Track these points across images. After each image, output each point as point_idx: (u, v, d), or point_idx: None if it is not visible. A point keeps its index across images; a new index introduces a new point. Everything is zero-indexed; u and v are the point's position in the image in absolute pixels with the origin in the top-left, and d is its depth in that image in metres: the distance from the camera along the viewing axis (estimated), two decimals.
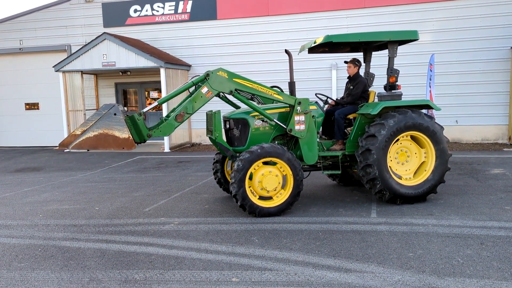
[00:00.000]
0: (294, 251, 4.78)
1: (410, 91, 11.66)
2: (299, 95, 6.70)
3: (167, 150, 14.53)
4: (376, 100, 7.16)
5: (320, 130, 7.01)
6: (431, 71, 11.38)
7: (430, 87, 11.23)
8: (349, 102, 7.05)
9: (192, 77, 6.59)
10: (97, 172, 10.82)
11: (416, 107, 6.72)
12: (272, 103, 6.88)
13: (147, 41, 15.76)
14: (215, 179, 7.47)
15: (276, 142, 6.60)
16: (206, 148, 14.98)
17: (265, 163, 6.09)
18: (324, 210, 6.41)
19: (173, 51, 15.66)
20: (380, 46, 7.43)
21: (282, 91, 6.75)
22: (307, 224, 5.77)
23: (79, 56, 14.63)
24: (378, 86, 7.44)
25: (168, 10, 15.55)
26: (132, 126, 5.99)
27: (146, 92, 16.67)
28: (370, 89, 7.31)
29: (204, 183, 8.84)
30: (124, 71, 15.78)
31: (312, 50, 7.53)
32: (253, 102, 6.92)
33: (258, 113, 6.40)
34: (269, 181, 6.02)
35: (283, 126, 6.43)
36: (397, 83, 6.84)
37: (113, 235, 5.60)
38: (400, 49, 7.15)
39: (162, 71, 14.15)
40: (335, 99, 7.46)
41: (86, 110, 15.69)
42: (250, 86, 6.30)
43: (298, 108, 6.34)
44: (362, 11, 13.98)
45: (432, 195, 6.82)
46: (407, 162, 6.72)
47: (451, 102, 13.15)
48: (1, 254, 5.04)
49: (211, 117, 6.65)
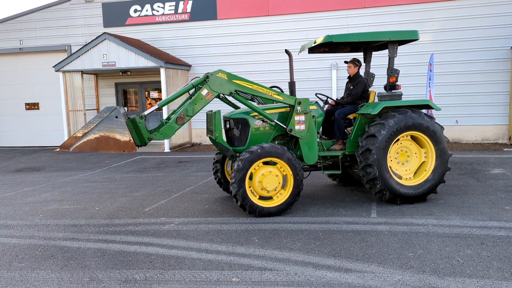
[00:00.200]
0: (294, 251, 4.79)
1: (410, 91, 11.68)
2: (299, 95, 6.70)
3: (167, 150, 14.52)
4: (376, 100, 7.16)
5: (320, 130, 7.01)
6: (430, 71, 11.38)
7: (430, 87, 11.23)
8: (349, 102, 7.05)
9: (191, 78, 6.59)
10: (97, 172, 10.82)
11: (416, 107, 6.72)
12: (272, 103, 6.89)
13: (147, 41, 15.76)
14: (215, 179, 7.47)
15: (276, 142, 6.60)
16: (206, 148, 14.98)
17: (265, 163, 6.09)
18: (324, 210, 6.41)
19: (173, 51, 15.66)
20: (380, 46, 7.44)
21: (282, 91, 6.75)
22: (307, 224, 5.77)
23: (79, 56, 14.63)
24: (378, 86, 7.45)
25: (168, 10, 15.55)
26: (133, 129, 6.00)
27: (146, 92, 16.66)
28: (370, 89, 7.31)
29: (204, 183, 8.84)
30: (124, 71, 15.78)
31: (312, 50, 7.54)
32: (253, 103, 6.92)
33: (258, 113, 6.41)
34: (269, 181, 6.02)
35: (283, 126, 6.43)
36: (397, 83, 6.85)
37: (113, 235, 5.60)
38: (400, 49, 7.15)
39: (162, 71, 14.16)
40: (335, 99, 7.46)
41: (86, 110, 15.70)
42: (250, 87, 6.30)
43: (298, 108, 6.34)
44: (362, 11, 13.98)
45: (432, 195, 6.82)
46: (407, 162, 6.73)
47: (451, 102, 13.15)
48: (1, 254, 5.04)
49: (211, 117, 6.65)
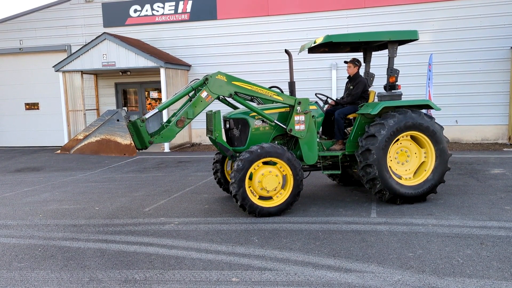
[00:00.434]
0: (294, 251, 4.79)
1: (410, 91, 11.67)
2: (299, 95, 6.70)
3: (167, 150, 14.52)
4: (376, 100, 7.16)
5: (320, 130, 7.01)
6: (430, 71, 11.39)
7: (429, 87, 11.24)
8: (349, 102, 7.05)
9: (191, 81, 6.59)
10: (97, 172, 10.82)
11: (416, 107, 6.72)
12: (272, 103, 6.89)
13: (147, 41, 15.76)
14: (215, 179, 7.47)
15: (276, 142, 6.60)
16: (206, 148, 14.98)
17: (265, 163, 6.09)
18: (324, 210, 6.41)
19: (173, 51, 15.66)
20: (380, 46, 7.44)
21: (282, 92, 6.75)
22: (307, 224, 5.77)
23: (79, 56, 14.62)
24: (378, 86, 7.45)
25: (168, 10, 15.55)
26: (134, 132, 6.00)
27: (146, 92, 16.66)
28: (370, 89, 7.32)
29: (204, 183, 8.84)
30: (124, 71, 15.77)
31: (312, 50, 7.54)
32: (253, 104, 6.92)
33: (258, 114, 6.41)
34: (269, 181, 6.02)
35: (283, 126, 6.43)
36: (397, 83, 6.85)
37: (113, 235, 5.60)
38: (400, 49, 7.15)
39: (162, 71, 14.15)
40: (335, 99, 7.46)
41: (86, 110, 15.70)
42: (250, 88, 6.30)
43: (298, 108, 6.34)
44: (362, 11, 13.98)
45: (432, 195, 6.82)
46: (407, 162, 6.73)
47: (451, 102, 13.14)
48: (1, 254, 5.04)
49: (211, 117, 6.65)
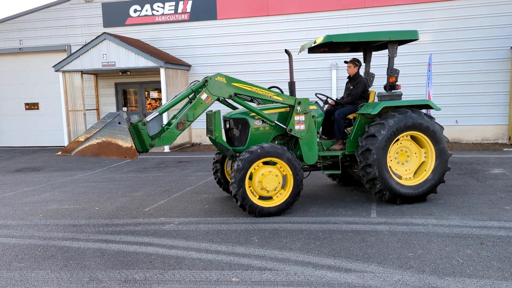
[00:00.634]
0: (294, 251, 4.78)
1: (410, 91, 11.67)
2: (299, 95, 6.70)
3: (167, 150, 14.53)
4: (376, 100, 7.16)
5: (320, 130, 7.00)
6: (429, 71, 11.40)
7: (429, 87, 11.25)
8: (349, 102, 7.05)
9: (191, 82, 6.59)
10: (97, 172, 10.82)
11: (416, 107, 6.72)
12: (272, 103, 6.88)
13: (147, 41, 15.76)
14: (215, 179, 7.47)
15: (276, 142, 6.60)
16: (206, 148, 14.98)
17: (265, 163, 6.09)
18: (324, 210, 6.41)
19: (173, 51, 15.66)
20: (380, 46, 7.44)
21: (282, 92, 6.75)
22: (307, 224, 5.77)
23: (79, 56, 14.62)
24: (378, 86, 7.45)
25: (168, 10, 15.55)
26: (135, 135, 6.01)
27: (146, 92, 16.65)
28: (370, 89, 7.31)
29: (204, 183, 8.84)
30: (124, 71, 15.77)
31: (312, 50, 7.54)
32: (253, 104, 6.92)
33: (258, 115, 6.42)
34: (269, 181, 6.02)
35: (283, 126, 6.43)
36: (397, 83, 6.85)
37: (113, 235, 5.60)
38: (400, 49, 7.15)
39: (162, 71, 14.16)
40: (335, 99, 7.46)
41: (86, 110, 15.71)
42: (249, 89, 6.30)
43: (298, 108, 6.34)
44: (362, 11, 13.98)
45: (432, 195, 6.82)
46: (407, 162, 6.72)
47: (451, 102, 13.15)
48: (1, 254, 5.04)
49: (211, 117, 6.65)
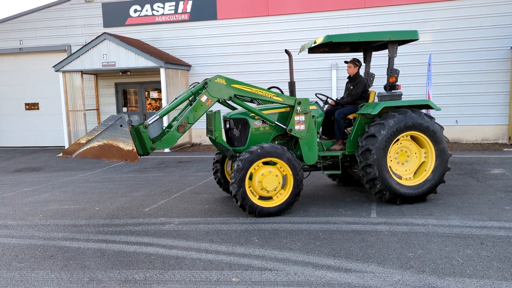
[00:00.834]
0: (294, 251, 4.78)
1: (410, 91, 11.68)
2: (299, 95, 6.70)
3: (167, 150, 14.51)
4: (376, 100, 7.16)
5: (320, 130, 7.01)
6: (429, 71, 11.40)
7: (428, 87, 11.25)
8: (349, 102, 7.05)
9: (190, 84, 6.60)
10: (97, 172, 10.82)
11: (416, 107, 6.72)
12: (272, 104, 6.88)
13: (147, 41, 15.76)
14: (215, 179, 7.47)
15: (276, 142, 6.60)
16: (206, 148, 14.98)
17: (265, 163, 6.09)
18: (324, 210, 6.41)
19: (173, 51, 15.66)
20: (380, 46, 7.43)
21: (282, 92, 6.75)
22: (307, 224, 5.77)
23: (79, 56, 14.62)
24: (378, 86, 7.45)
25: (168, 10, 15.55)
26: (136, 138, 6.01)
27: (146, 92, 16.65)
28: (370, 89, 7.31)
29: (204, 183, 8.84)
30: (124, 71, 15.77)
31: (312, 50, 7.54)
32: (253, 105, 6.92)
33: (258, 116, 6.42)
34: (269, 181, 6.02)
35: (283, 126, 6.43)
36: (397, 83, 6.85)
37: (113, 235, 5.60)
38: (400, 49, 7.15)
39: (162, 71, 14.16)
40: (335, 99, 7.46)
41: (86, 110, 15.71)
42: (249, 90, 6.30)
43: (298, 108, 6.34)
44: (362, 11, 13.98)
45: (432, 195, 6.82)
46: (407, 162, 6.72)
47: (451, 102, 13.15)
48: (1, 254, 5.04)
49: (211, 117, 6.65)
